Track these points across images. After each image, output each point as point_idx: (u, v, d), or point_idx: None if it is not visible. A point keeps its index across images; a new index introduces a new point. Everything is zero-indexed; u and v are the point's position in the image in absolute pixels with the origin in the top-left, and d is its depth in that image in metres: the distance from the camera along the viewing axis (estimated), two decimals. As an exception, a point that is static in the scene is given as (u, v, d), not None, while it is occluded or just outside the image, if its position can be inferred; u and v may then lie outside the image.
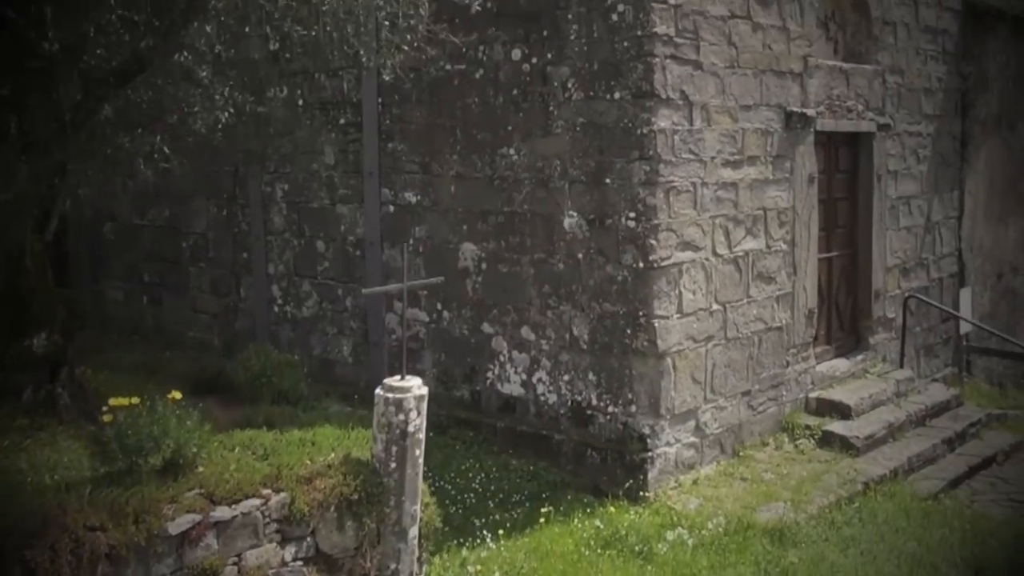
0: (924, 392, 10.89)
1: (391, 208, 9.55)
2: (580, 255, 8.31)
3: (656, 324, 8.00)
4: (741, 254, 8.92)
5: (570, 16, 8.20)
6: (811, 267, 9.89)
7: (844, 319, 10.85)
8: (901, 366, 11.23)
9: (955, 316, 12.32)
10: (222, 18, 5.39)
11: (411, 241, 9.40)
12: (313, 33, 5.53)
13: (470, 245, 9.02)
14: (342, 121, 9.77)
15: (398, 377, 5.93)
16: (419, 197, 9.32)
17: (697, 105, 8.28)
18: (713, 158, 8.49)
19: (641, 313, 8.02)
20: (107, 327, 12.11)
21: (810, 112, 9.59)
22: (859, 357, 10.78)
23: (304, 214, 10.30)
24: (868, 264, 10.95)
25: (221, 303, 11.25)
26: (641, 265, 7.98)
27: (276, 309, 10.66)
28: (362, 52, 5.70)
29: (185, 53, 5.71)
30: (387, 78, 6.42)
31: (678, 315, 8.23)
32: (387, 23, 5.76)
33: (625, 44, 7.90)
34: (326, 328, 10.24)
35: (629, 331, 8.08)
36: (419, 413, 5.89)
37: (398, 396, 5.80)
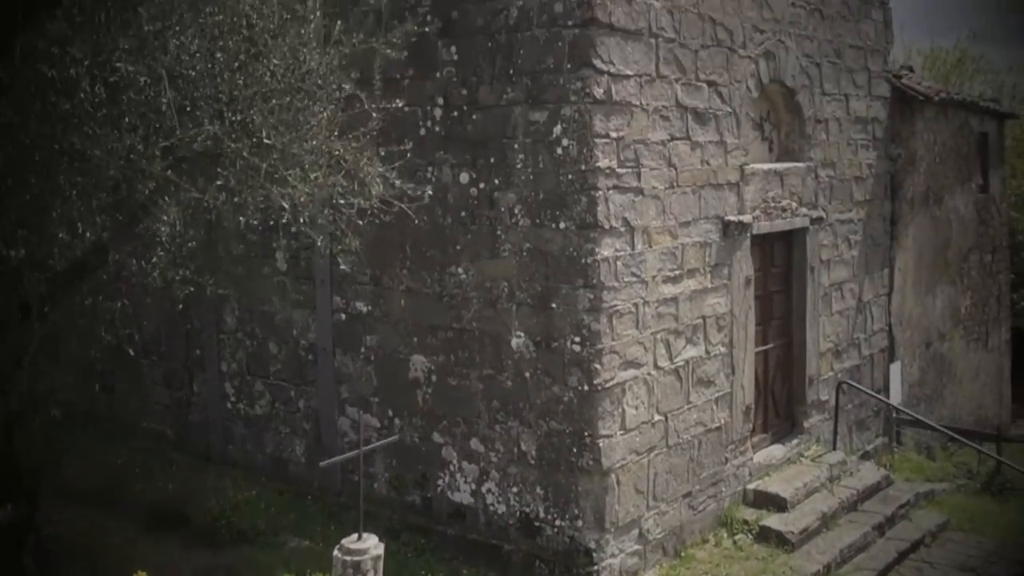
0: (856, 474, 11.39)
1: (343, 316, 9.77)
2: (527, 374, 8.62)
3: (600, 444, 8.35)
4: (682, 363, 9.31)
5: (516, 146, 8.51)
6: (748, 364, 10.33)
7: (780, 406, 11.31)
8: (834, 447, 11.73)
9: (884, 401, 12.88)
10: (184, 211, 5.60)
11: (362, 349, 9.64)
12: (271, 221, 5.76)
13: (420, 357, 9.29)
14: (293, 229, 9.93)
15: (355, 537, 6.19)
16: (370, 307, 9.57)
17: (639, 229, 8.64)
18: (654, 277, 8.86)
19: (586, 433, 8.36)
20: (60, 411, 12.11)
21: (746, 219, 10.02)
22: (794, 441, 11.26)
23: (256, 316, 10.48)
24: (803, 352, 11.43)
25: (174, 396, 11.37)
26: (586, 388, 8.31)
27: (229, 405, 10.82)
28: (319, 239, 5.96)
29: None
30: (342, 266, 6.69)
31: (621, 432, 8.58)
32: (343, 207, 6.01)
33: (570, 177, 8.23)
34: (279, 427, 10.43)
35: (575, 449, 8.42)
36: (376, 572, 6.15)
37: (355, 559, 6.07)
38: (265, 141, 5.25)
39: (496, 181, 8.68)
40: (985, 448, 13.40)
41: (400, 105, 8.85)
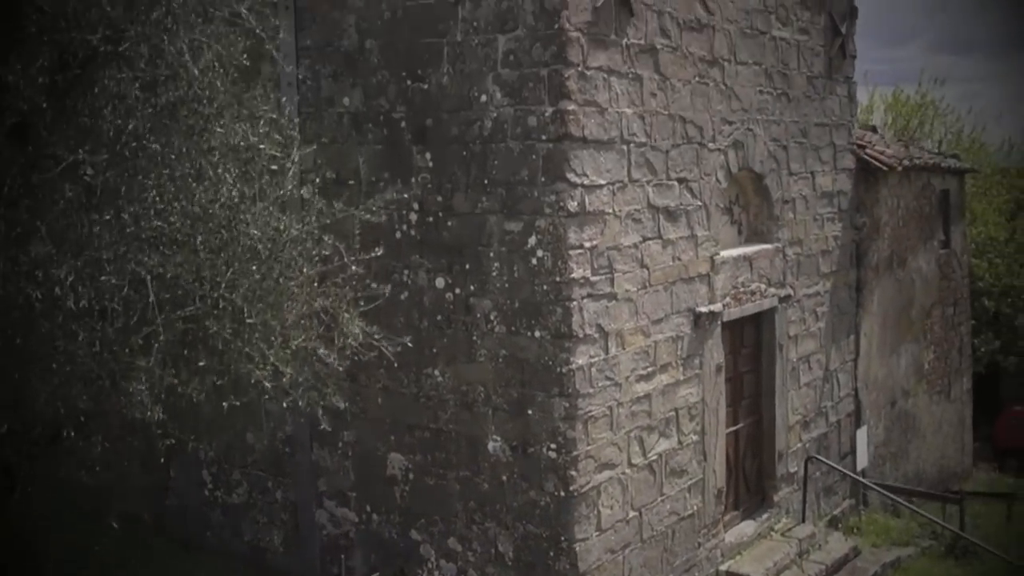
0: (824, 547, 11.63)
1: (320, 411, 9.82)
2: (504, 477, 8.76)
3: (577, 548, 8.50)
4: (655, 457, 9.49)
5: (492, 254, 8.65)
6: (720, 449, 10.53)
7: (750, 482, 11.53)
8: (803, 518, 11.97)
9: (850, 474, 13.14)
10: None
11: (340, 444, 9.73)
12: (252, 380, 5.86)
13: (398, 455, 9.40)
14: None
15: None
16: (347, 403, 9.64)
17: (612, 334, 8.81)
18: (628, 377, 9.03)
19: (563, 537, 8.51)
20: (33, 485, 12.07)
21: (717, 308, 10.22)
22: (764, 516, 11.48)
23: (232, 407, 10.49)
24: (772, 427, 11.66)
25: (151, 479, 11.36)
26: (562, 493, 8.46)
27: (207, 492, 10.85)
28: (300, 400, 6.07)
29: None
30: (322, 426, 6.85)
31: (597, 533, 8.74)
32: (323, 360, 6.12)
33: (545, 287, 8.38)
34: (257, 516, 10.48)
35: (552, 553, 8.56)
36: None
37: None
38: (247, 320, 5.34)
39: (472, 287, 8.81)
40: (949, 510, 13.72)
41: (376, 210, 9.03)
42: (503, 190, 8.55)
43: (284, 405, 6.03)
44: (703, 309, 10.03)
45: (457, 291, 8.90)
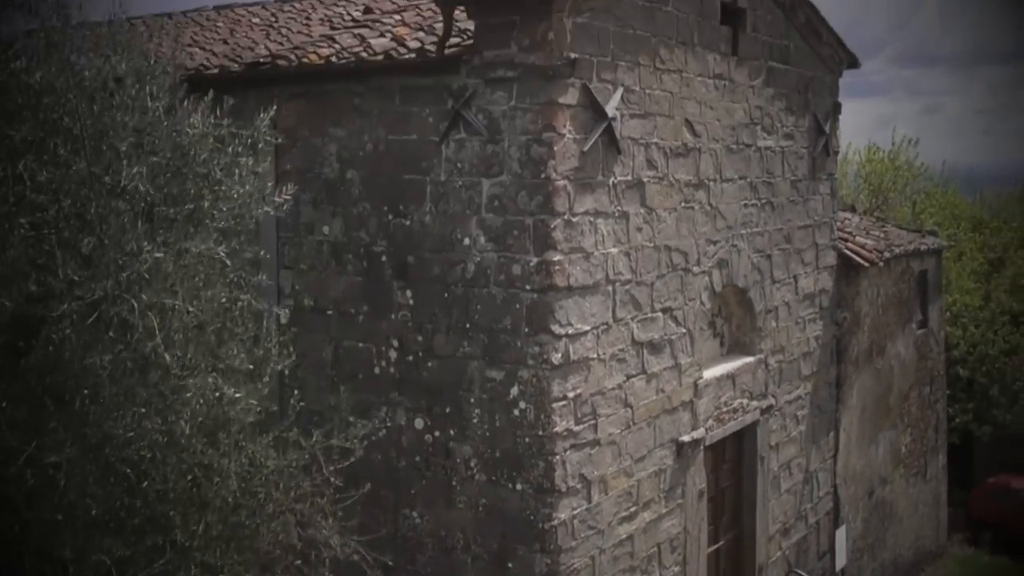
0: (803, 662, 11.52)
1: (293, 543, 9.56)
2: (483, 628, 8.53)
3: None
4: (636, 596, 9.30)
5: (473, 400, 8.41)
6: (700, 573, 10.35)
7: (730, 597, 11.39)
8: (782, 629, 11.85)
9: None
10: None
11: (313, 579, 9.45)
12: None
13: (373, 595, 9.13)
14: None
15: None
16: (322, 538, 9.38)
17: (595, 481, 8.60)
18: (610, 522, 8.83)
19: None
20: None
21: (699, 434, 10.05)
22: (744, 630, 11.34)
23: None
24: (752, 541, 11.50)
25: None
26: (543, 651, 8.24)
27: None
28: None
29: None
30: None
31: None
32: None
33: (527, 440, 8.16)
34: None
35: None
36: None
37: None
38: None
39: (452, 432, 8.57)
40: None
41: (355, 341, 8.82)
42: (485, 336, 8.32)
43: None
44: (686, 438, 9.84)
45: (436, 434, 8.66)
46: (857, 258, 13.53)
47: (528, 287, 8.06)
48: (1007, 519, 19.69)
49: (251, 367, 5.38)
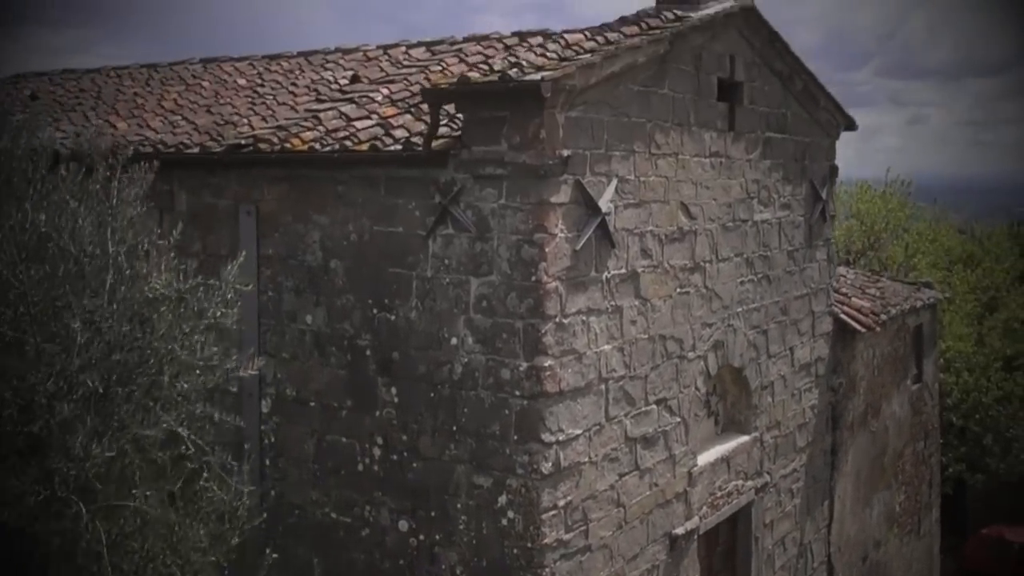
0: None
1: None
2: None
3: None
4: None
5: (459, 505, 8.09)
6: (693, 666, 10.05)
7: None
8: None
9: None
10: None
11: None
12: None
13: None
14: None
15: None
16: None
17: (586, 589, 8.29)
18: (601, 628, 8.52)
19: None
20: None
21: (693, 524, 9.75)
22: None
23: None
24: (746, 624, 11.21)
25: None
26: None
27: None
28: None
29: None
30: None
31: None
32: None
33: (515, 551, 7.84)
34: None
35: None
36: None
37: None
38: None
39: (437, 536, 8.24)
40: None
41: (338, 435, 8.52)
42: (473, 441, 8.00)
43: None
44: (680, 530, 9.54)
45: (421, 537, 8.33)
46: (854, 323, 13.25)
47: (518, 393, 7.74)
48: (1001, 570, 19.43)
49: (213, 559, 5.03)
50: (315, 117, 9.29)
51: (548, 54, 8.04)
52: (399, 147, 8.14)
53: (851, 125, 12.88)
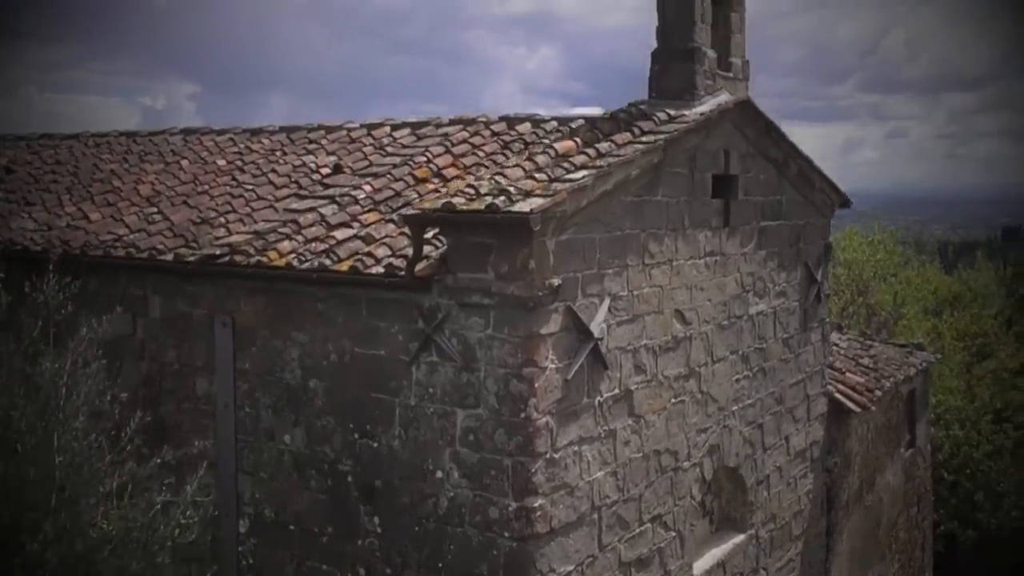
0: None
1: None
2: None
3: None
4: None
5: (446, 646, 7.70)
6: None
7: None
8: None
9: None
10: None
11: None
12: None
13: None
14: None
15: None
16: None
17: None
18: None
19: None
20: None
21: (688, 639, 9.40)
22: None
23: None
24: None
25: None
26: None
27: None
28: None
29: None
30: None
31: None
32: None
33: None
34: None
35: None
36: None
37: None
38: None
39: (423, 676, 7.84)
40: None
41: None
42: (460, 580, 7.62)
43: None
44: (674, 649, 9.19)
45: (406, 677, 7.94)
46: (849, 403, 12.95)
47: (507, 534, 7.36)
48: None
49: None
50: (294, 221, 8.90)
51: (537, 174, 7.66)
52: (381, 269, 7.75)
53: (846, 203, 12.58)
